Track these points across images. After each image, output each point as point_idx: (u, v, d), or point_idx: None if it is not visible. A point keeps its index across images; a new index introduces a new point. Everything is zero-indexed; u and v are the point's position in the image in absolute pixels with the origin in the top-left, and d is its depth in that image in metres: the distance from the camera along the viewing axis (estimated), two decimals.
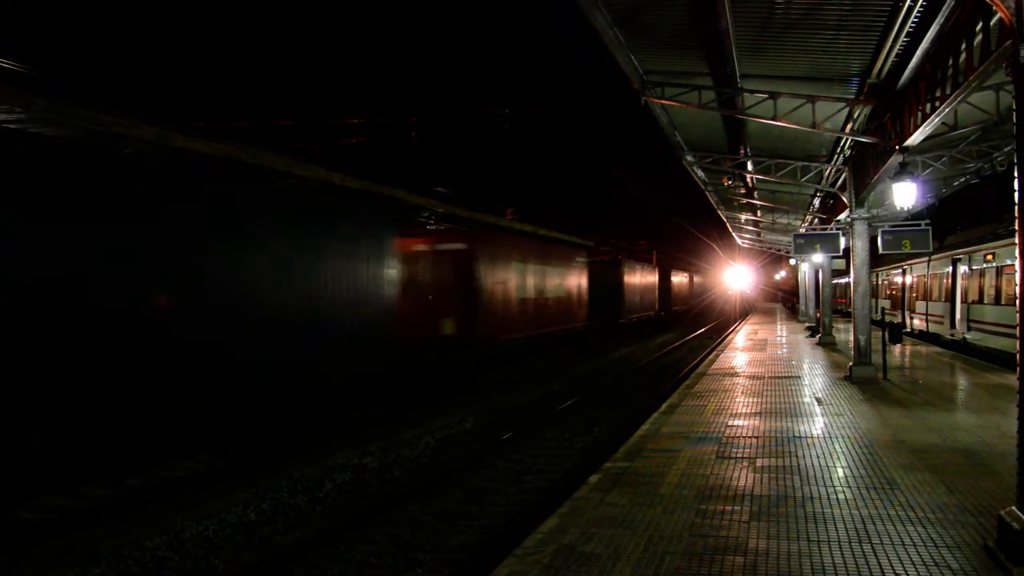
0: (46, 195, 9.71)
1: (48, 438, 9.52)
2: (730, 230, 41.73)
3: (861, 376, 15.62)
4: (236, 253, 12.84)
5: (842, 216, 20.24)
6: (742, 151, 17.71)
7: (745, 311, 65.92)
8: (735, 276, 70.98)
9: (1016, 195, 5.55)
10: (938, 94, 9.25)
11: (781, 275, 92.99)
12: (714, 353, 24.48)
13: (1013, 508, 5.42)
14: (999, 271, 19.31)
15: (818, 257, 24.99)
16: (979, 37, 7.44)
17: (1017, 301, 5.55)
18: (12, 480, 9.39)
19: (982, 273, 20.77)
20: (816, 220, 25.83)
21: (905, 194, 12.28)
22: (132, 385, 10.64)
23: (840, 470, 8.25)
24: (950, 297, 24.25)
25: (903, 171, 12.14)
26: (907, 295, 32.30)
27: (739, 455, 9.02)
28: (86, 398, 9.94)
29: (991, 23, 7.09)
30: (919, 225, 15.85)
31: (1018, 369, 5.53)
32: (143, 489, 10.52)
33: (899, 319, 32.02)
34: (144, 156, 11.42)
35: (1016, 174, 5.55)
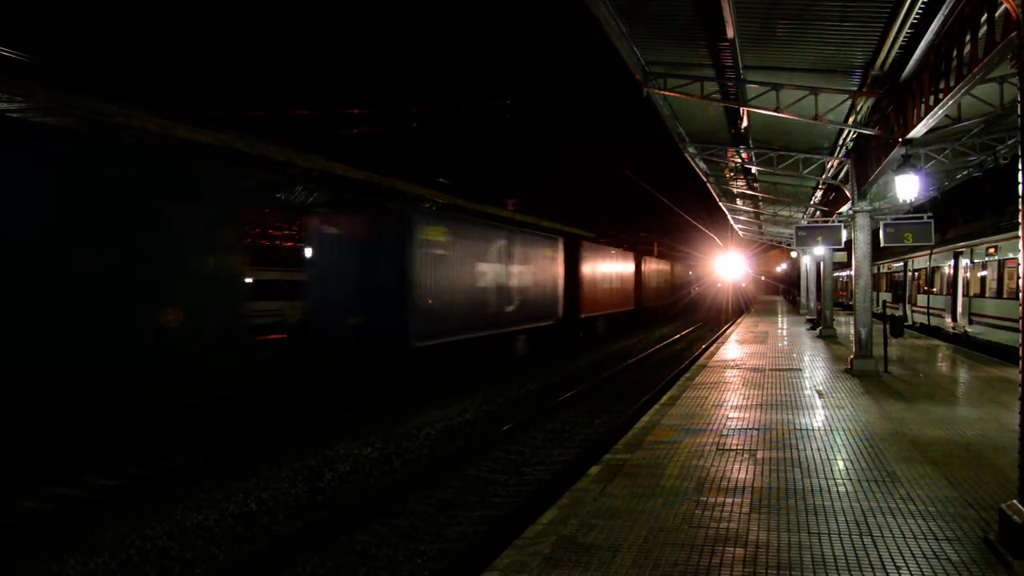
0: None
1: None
2: (731, 221, 41.66)
3: (862, 369, 15.62)
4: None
5: (844, 208, 20.22)
6: (744, 145, 17.65)
7: (739, 309, 58.12)
8: (729, 265, 64.31)
9: (1020, 188, 5.53)
10: (942, 86, 9.20)
11: (783, 267, 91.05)
12: (715, 345, 24.47)
13: (1014, 501, 5.42)
14: (1001, 264, 19.28)
15: (819, 250, 24.93)
16: (984, 29, 7.40)
17: (1020, 294, 5.53)
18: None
19: (984, 266, 20.74)
20: (818, 212, 25.78)
21: (907, 187, 12.25)
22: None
23: (841, 463, 8.25)
24: (951, 290, 24.22)
25: (906, 164, 12.11)
26: (908, 288, 32.27)
27: (739, 447, 9.02)
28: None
29: (996, 15, 7.05)
30: (921, 218, 15.83)
31: (1020, 363, 5.51)
32: (144, 479, 10.55)
33: (900, 312, 32.00)
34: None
35: (1020, 167, 5.52)
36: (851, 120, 13.66)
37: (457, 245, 19.52)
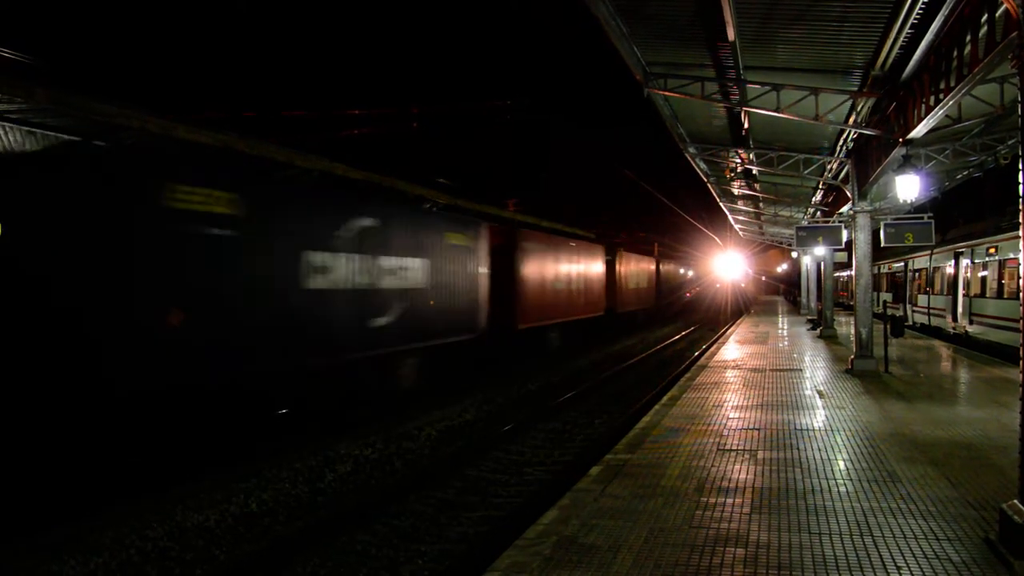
0: None
1: None
2: (731, 222, 41.66)
3: (862, 369, 15.62)
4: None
5: (845, 209, 20.23)
6: (744, 146, 17.65)
7: (738, 310, 53.49)
8: (727, 265, 59.52)
9: (1020, 188, 5.53)
10: (942, 86, 9.20)
11: (783, 268, 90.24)
12: (715, 346, 24.47)
13: (1015, 501, 5.41)
14: (1001, 265, 19.29)
15: (820, 250, 24.94)
16: (984, 29, 7.40)
17: (1020, 294, 5.53)
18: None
19: (984, 266, 20.75)
20: (818, 213, 25.79)
21: (908, 187, 12.25)
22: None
23: (841, 463, 8.25)
24: (952, 290, 24.22)
25: (906, 164, 12.11)
26: (909, 288, 32.27)
27: (740, 447, 9.01)
28: None
29: (996, 15, 7.05)
30: (922, 218, 15.84)
31: (1021, 363, 5.51)
32: (145, 478, 10.53)
33: (900, 312, 32.01)
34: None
35: (1020, 167, 5.52)
36: (852, 120, 13.66)
37: (261, 222, 12.32)
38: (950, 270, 24.48)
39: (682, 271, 72.27)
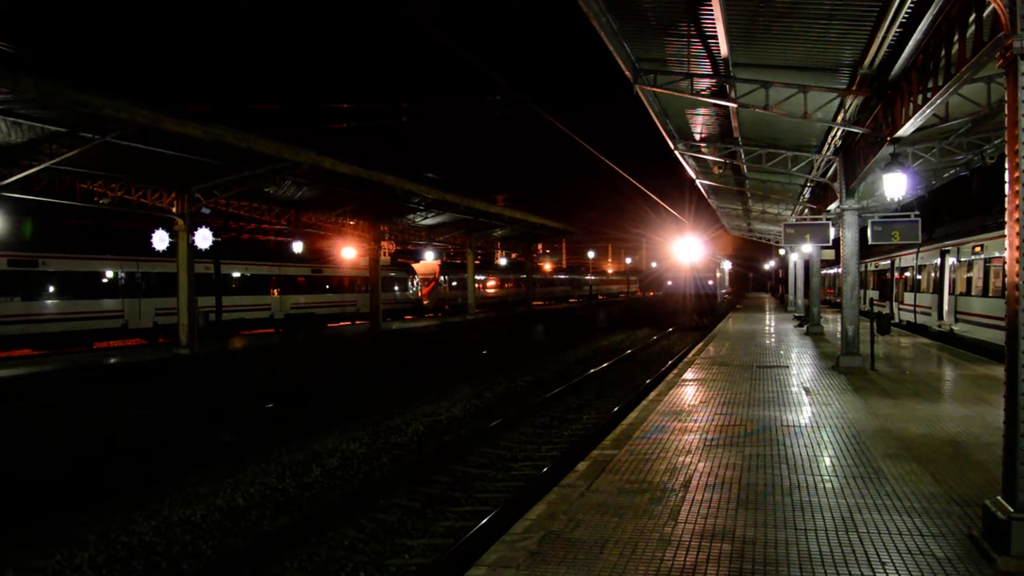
0: None
1: None
2: (719, 217, 41.69)
3: (849, 366, 15.70)
4: None
5: (832, 206, 20.29)
6: (733, 143, 17.67)
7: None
8: (691, 252, 43.79)
9: (1006, 187, 5.56)
10: (930, 85, 9.24)
11: (771, 264, 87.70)
12: (703, 343, 24.54)
13: (998, 498, 5.46)
14: (987, 263, 19.42)
15: (808, 247, 25.02)
16: (972, 28, 7.43)
17: (1007, 293, 5.57)
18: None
19: (970, 265, 20.88)
20: (806, 210, 25.88)
21: (895, 185, 12.30)
22: None
23: (827, 459, 8.29)
24: (938, 288, 24.38)
25: (894, 162, 12.16)
26: (895, 286, 32.46)
27: (726, 443, 9.04)
28: None
29: (984, 14, 7.08)
30: (909, 216, 15.92)
31: (1006, 360, 5.55)
32: (131, 473, 10.50)
33: (887, 310, 32.19)
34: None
35: (1007, 166, 5.55)
36: (840, 118, 13.69)
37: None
38: (936, 268, 24.63)
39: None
